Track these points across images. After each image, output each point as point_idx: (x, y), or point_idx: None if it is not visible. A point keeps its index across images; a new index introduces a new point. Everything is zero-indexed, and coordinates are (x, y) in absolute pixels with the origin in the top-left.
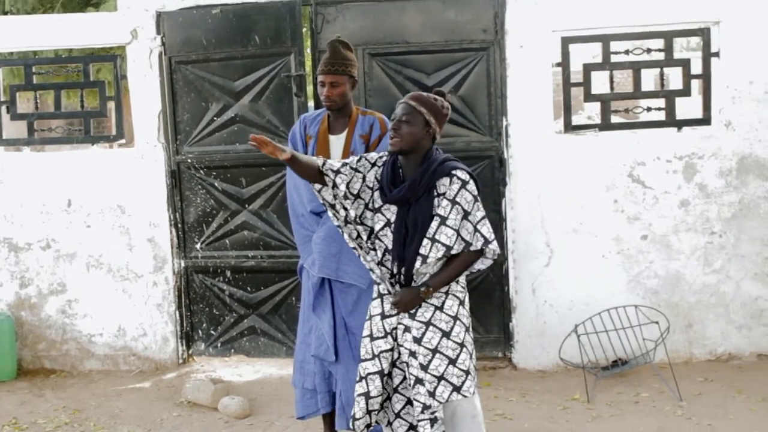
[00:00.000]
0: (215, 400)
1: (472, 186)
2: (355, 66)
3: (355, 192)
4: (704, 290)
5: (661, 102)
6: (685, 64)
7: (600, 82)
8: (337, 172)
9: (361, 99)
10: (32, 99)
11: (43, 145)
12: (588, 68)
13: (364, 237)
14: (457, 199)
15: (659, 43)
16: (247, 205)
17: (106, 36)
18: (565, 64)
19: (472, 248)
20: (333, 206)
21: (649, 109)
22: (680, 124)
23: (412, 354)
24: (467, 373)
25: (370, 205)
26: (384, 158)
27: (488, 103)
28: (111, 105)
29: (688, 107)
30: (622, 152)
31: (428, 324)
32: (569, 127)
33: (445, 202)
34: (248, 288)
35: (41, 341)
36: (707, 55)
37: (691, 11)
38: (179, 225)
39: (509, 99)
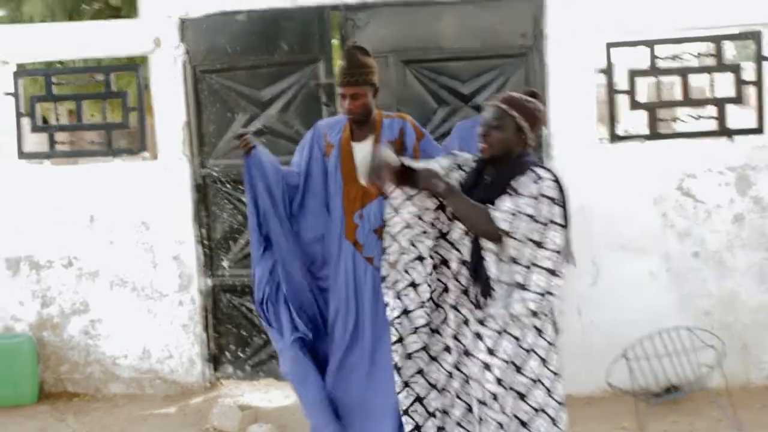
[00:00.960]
0: (243, 427)
1: (548, 184)
2: (375, 72)
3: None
4: (761, 310)
5: (711, 110)
6: (736, 69)
7: (646, 89)
8: None
9: (393, 108)
10: (53, 110)
11: (65, 158)
12: (633, 74)
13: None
14: (521, 191)
15: (709, 47)
16: None
17: (127, 45)
18: (609, 70)
19: (493, 215)
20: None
21: (698, 117)
22: (732, 134)
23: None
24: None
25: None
26: (470, 162)
27: None
28: (134, 116)
29: (740, 115)
30: (670, 163)
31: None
32: (614, 137)
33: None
34: None
35: (64, 363)
36: (760, 60)
37: (742, 13)
38: (205, 242)
39: (550, 107)
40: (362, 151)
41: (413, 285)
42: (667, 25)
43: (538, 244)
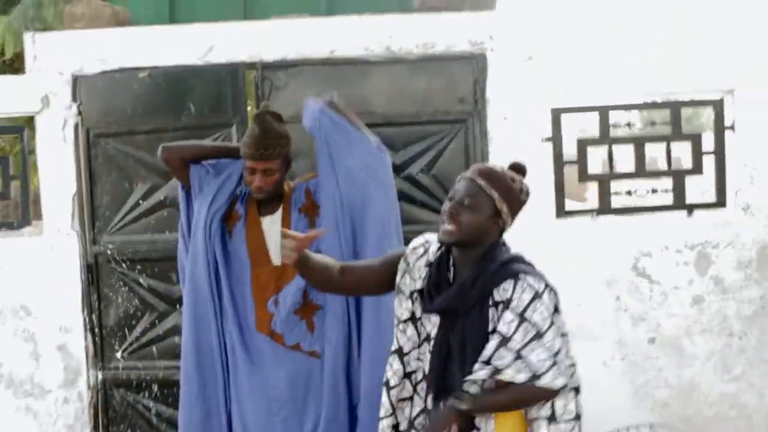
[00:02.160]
0: None
1: (548, 298)
2: (290, 143)
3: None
4: (722, 401)
5: (668, 182)
6: (695, 138)
7: (597, 160)
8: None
9: None
10: None
11: None
12: (583, 144)
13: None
14: (527, 315)
15: (665, 114)
16: (178, 306)
17: (10, 103)
18: (556, 138)
19: (540, 383)
20: None
21: (654, 190)
22: (691, 208)
23: None
24: None
25: (405, 315)
26: (429, 245)
27: None
28: (16, 185)
29: (699, 188)
30: (624, 241)
31: None
32: (562, 212)
33: (509, 316)
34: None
35: None
36: (720, 129)
37: (702, 79)
38: (96, 330)
39: None
40: (272, 225)
41: None
42: (621, 91)
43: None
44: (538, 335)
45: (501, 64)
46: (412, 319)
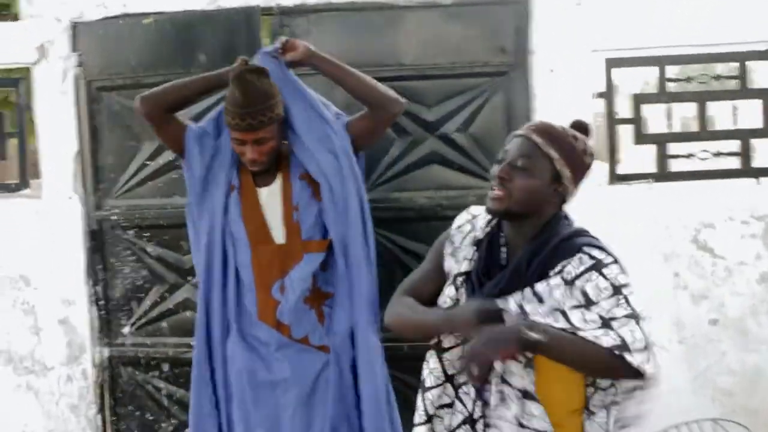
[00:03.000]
0: None
1: (612, 270)
2: (279, 102)
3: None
4: None
5: (734, 145)
6: (766, 95)
7: (655, 118)
8: None
9: None
10: None
11: None
12: (639, 100)
13: None
14: (578, 283)
15: (732, 68)
16: (190, 278)
17: (4, 53)
18: (609, 94)
19: (630, 357)
20: None
21: (718, 153)
22: (759, 174)
23: None
24: None
25: (447, 303)
26: (477, 220)
27: None
28: (12, 144)
29: None
30: (684, 210)
31: None
32: (615, 177)
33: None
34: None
35: None
36: None
37: None
38: (101, 302)
39: None
40: (271, 197)
41: None
42: (681, 41)
43: None
44: (588, 303)
45: (547, 9)
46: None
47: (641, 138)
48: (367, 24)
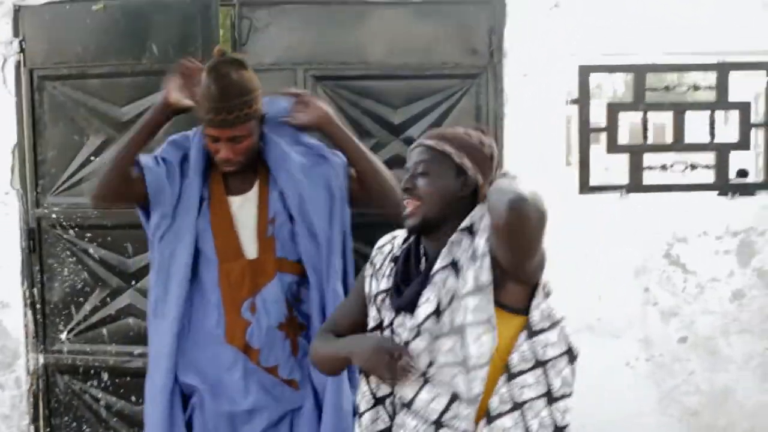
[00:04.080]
0: None
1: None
2: (259, 97)
3: None
4: (761, 412)
5: (710, 157)
6: (743, 107)
7: (630, 128)
8: None
9: None
10: None
11: None
12: (614, 108)
13: None
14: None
15: (710, 78)
16: (134, 282)
17: None
18: (583, 101)
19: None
20: None
21: (694, 166)
22: (735, 189)
23: None
24: None
25: (370, 324)
26: (396, 239)
27: None
28: None
29: (745, 166)
30: (656, 223)
31: None
32: (586, 187)
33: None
34: (133, 398)
35: None
36: None
37: (755, 38)
38: (37, 306)
39: (506, 145)
40: (245, 207)
41: None
42: (660, 48)
43: None
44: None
45: (523, 9)
46: (380, 327)
47: (614, 147)
48: (332, 19)
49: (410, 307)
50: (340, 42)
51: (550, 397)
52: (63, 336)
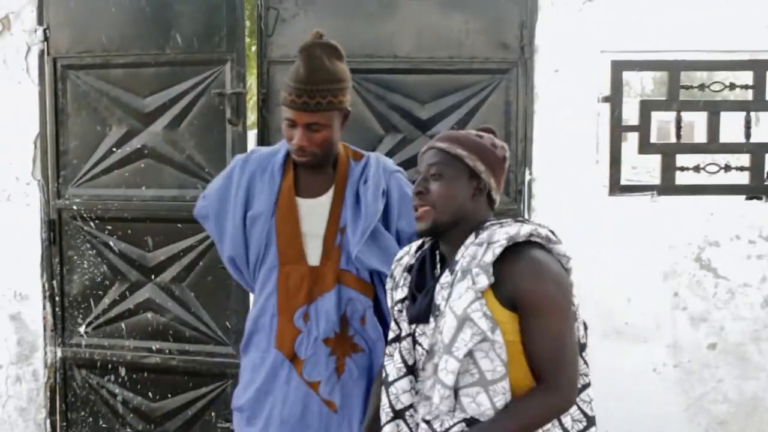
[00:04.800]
0: None
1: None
2: (347, 90)
3: None
4: None
5: (745, 159)
6: None
7: (657, 126)
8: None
9: None
10: None
11: None
12: (647, 106)
13: None
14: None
15: (747, 76)
16: (153, 276)
17: None
18: (615, 98)
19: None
20: None
21: (728, 168)
22: None
23: None
24: None
25: (390, 335)
26: (412, 248)
27: None
28: None
29: None
30: (688, 226)
31: None
32: (616, 187)
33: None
34: (150, 394)
35: None
36: None
37: None
38: (56, 298)
39: (535, 143)
40: (315, 212)
41: None
42: (695, 45)
43: None
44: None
45: (555, 4)
46: (398, 338)
47: (647, 146)
48: (361, 11)
49: (425, 317)
50: (368, 34)
51: None
52: (81, 329)
